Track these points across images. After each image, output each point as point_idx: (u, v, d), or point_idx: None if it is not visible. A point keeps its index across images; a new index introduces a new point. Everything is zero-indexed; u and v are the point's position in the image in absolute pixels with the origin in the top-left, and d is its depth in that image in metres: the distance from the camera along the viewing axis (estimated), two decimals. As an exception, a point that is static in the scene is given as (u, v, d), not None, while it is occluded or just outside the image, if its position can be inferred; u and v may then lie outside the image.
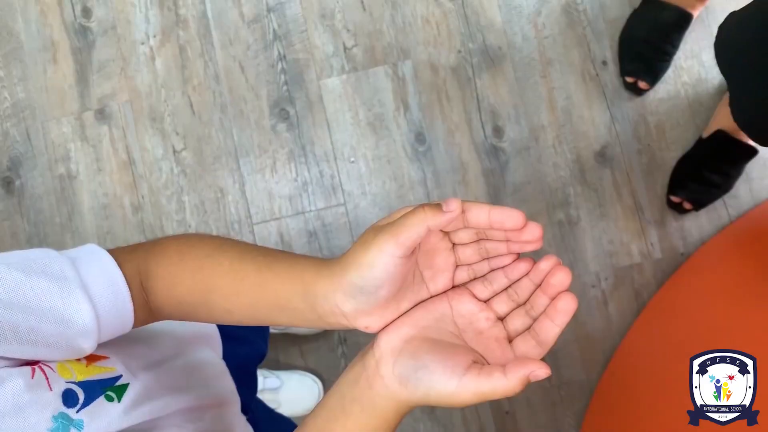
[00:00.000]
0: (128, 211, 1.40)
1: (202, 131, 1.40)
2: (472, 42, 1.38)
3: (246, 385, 0.66)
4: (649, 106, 1.36)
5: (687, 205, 1.31)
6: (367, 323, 0.40)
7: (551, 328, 0.39)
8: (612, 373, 1.32)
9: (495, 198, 1.35)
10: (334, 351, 1.35)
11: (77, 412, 0.40)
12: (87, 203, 1.41)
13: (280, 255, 0.44)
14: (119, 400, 0.44)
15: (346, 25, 1.40)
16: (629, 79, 1.34)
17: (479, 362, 0.38)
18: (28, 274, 0.40)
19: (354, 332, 1.34)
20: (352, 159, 1.38)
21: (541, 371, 0.37)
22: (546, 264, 0.40)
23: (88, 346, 0.43)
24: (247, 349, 0.74)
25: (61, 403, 0.40)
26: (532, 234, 0.39)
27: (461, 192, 1.36)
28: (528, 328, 0.40)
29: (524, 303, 0.41)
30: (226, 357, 0.67)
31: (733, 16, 0.96)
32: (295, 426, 0.91)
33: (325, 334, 1.35)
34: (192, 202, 1.39)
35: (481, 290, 0.42)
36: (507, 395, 0.37)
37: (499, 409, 1.32)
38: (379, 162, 1.37)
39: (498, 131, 1.37)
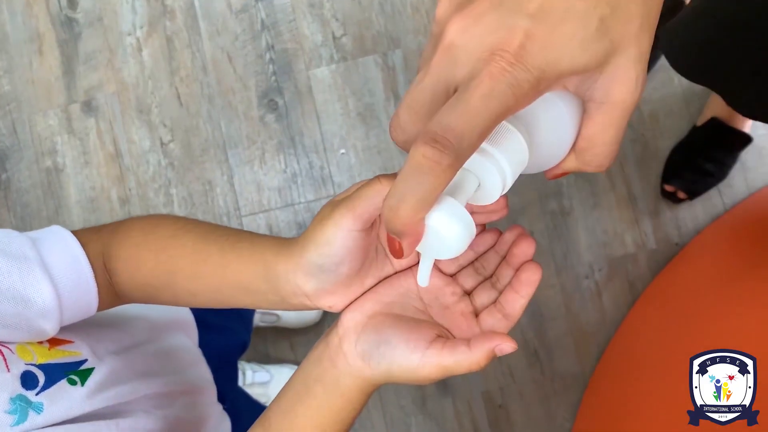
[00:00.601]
0: (116, 204, 1.38)
1: (189, 123, 1.38)
2: (462, 30, 1.36)
3: (225, 375, 0.65)
4: (643, 94, 1.34)
5: (681, 194, 1.29)
6: (330, 302, 0.38)
7: (516, 300, 0.38)
8: (606, 365, 1.30)
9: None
10: (324, 344, 1.33)
11: (36, 394, 0.39)
12: (74, 196, 1.39)
13: (243, 235, 0.42)
14: (82, 384, 0.43)
15: (335, 14, 1.38)
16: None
17: (444, 336, 0.37)
18: None
19: (344, 325, 1.32)
20: (342, 150, 1.36)
21: (507, 345, 0.35)
22: (510, 235, 0.39)
23: (50, 328, 0.42)
24: (226, 338, 0.72)
25: (20, 385, 0.38)
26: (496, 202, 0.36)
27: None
28: (494, 302, 0.39)
29: (490, 276, 0.40)
30: (203, 345, 0.66)
31: (672, 26, 0.90)
32: None
33: (315, 328, 1.33)
34: (180, 195, 1.37)
35: (447, 265, 0.40)
36: (471, 370, 0.35)
37: (491, 403, 1.30)
38: (369, 152, 1.36)
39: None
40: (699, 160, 1.26)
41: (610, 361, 1.30)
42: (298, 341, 1.34)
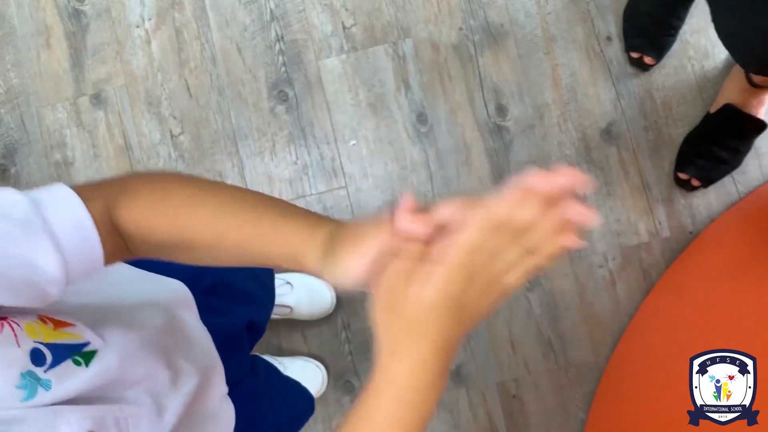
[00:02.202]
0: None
1: (199, 115, 1.37)
2: (473, 19, 1.36)
3: (230, 356, 0.64)
4: (655, 81, 1.33)
5: (695, 182, 1.28)
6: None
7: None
8: (621, 355, 1.29)
9: (499, 178, 1.33)
10: (337, 336, 1.32)
11: (45, 371, 0.39)
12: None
13: (262, 211, 0.44)
14: (87, 365, 0.43)
15: (345, 4, 1.37)
16: (634, 55, 1.31)
17: None
18: None
19: (358, 318, 1.31)
20: (353, 141, 1.35)
21: None
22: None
23: (56, 292, 0.42)
24: (226, 319, 0.71)
25: (29, 361, 0.38)
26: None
27: (464, 172, 1.33)
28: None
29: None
30: (205, 326, 0.65)
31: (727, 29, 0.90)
32: (308, 395, 0.89)
33: (327, 319, 1.33)
34: (190, 187, 1.36)
35: None
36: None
37: (506, 393, 1.30)
38: (380, 143, 1.35)
39: (501, 109, 1.34)
40: (713, 147, 1.26)
41: (625, 351, 1.29)
42: (310, 333, 1.33)
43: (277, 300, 1.27)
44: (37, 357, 0.39)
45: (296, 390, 0.86)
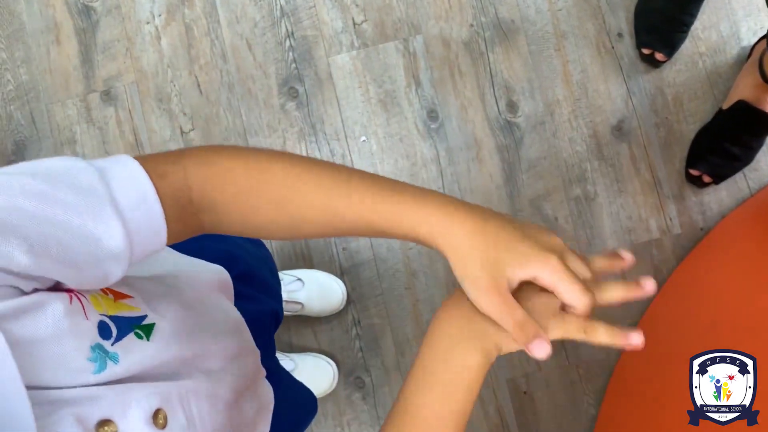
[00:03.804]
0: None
1: (209, 111, 1.37)
2: (484, 15, 1.35)
3: (260, 343, 0.64)
4: (667, 78, 1.33)
5: (706, 179, 1.28)
6: None
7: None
8: (632, 352, 1.29)
9: (509, 174, 1.33)
10: (348, 332, 1.32)
11: (112, 345, 0.39)
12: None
13: (378, 194, 0.44)
14: (148, 339, 0.42)
15: (355, 0, 1.36)
16: (646, 51, 1.30)
17: None
18: (53, 186, 0.36)
19: (367, 314, 1.31)
20: (363, 137, 1.35)
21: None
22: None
23: (119, 271, 0.40)
24: (257, 305, 0.71)
25: (97, 334, 0.38)
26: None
27: (475, 169, 1.33)
28: None
29: None
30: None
31: None
32: (312, 396, 0.89)
33: (338, 316, 1.33)
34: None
35: None
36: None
37: (517, 390, 1.30)
38: (390, 140, 1.35)
39: (512, 106, 1.34)
40: (725, 143, 1.25)
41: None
42: (321, 329, 1.33)
43: (288, 296, 1.28)
44: (103, 330, 0.38)
45: (305, 392, 0.87)
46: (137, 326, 0.42)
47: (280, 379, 0.76)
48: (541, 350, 0.41)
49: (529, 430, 1.29)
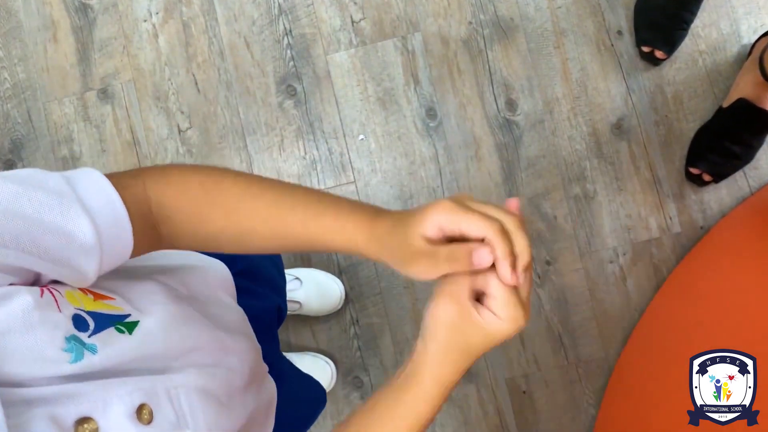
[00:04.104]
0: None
1: (207, 109, 1.37)
2: (483, 13, 1.35)
3: (263, 338, 0.64)
4: (666, 76, 1.32)
5: (706, 177, 1.27)
6: None
7: None
8: (632, 350, 1.29)
9: (508, 173, 1.32)
10: (346, 332, 1.32)
11: (89, 336, 0.38)
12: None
13: (323, 205, 0.46)
14: (130, 333, 0.42)
15: (354, -2, 1.36)
16: (645, 49, 1.30)
17: None
18: (24, 187, 0.38)
19: (366, 313, 1.31)
20: (362, 136, 1.34)
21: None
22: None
23: (92, 270, 0.41)
24: (261, 302, 0.71)
25: (72, 326, 0.38)
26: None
27: (474, 167, 1.32)
28: None
29: None
30: (240, 307, 0.65)
31: None
32: (320, 387, 0.89)
33: (336, 315, 1.32)
34: (198, 183, 1.36)
35: None
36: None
37: (516, 389, 1.29)
38: (389, 138, 1.34)
39: (511, 104, 1.33)
40: (725, 142, 1.25)
41: (636, 347, 1.29)
42: (319, 329, 1.32)
43: (287, 295, 1.27)
44: (79, 322, 0.38)
45: (310, 381, 0.86)
46: (118, 323, 0.42)
47: (285, 373, 0.76)
48: (482, 257, 0.40)
49: (528, 429, 1.29)
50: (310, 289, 1.28)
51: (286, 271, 1.30)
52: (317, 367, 1.27)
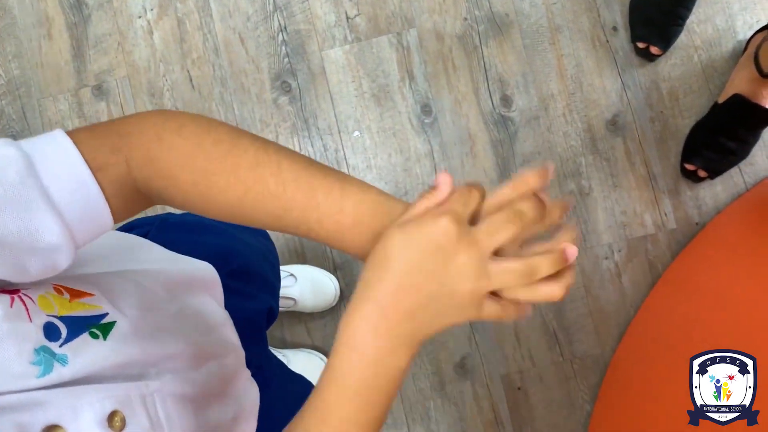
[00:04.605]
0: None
1: (202, 106, 1.36)
2: (478, 9, 1.34)
3: (252, 341, 0.63)
4: (662, 72, 1.32)
5: (702, 173, 1.27)
6: None
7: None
8: (627, 347, 1.29)
9: (504, 169, 1.32)
10: (341, 328, 1.31)
11: (60, 346, 0.37)
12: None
13: (305, 172, 0.43)
14: (105, 338, 0.40)
15: (349, -6, 1.36)
16: (641, 45, 1.30)
17: None
18: None
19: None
20: (357, 132, 1.34)
21: None
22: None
23: (66, 259, 0.39)
24: (251, 302, 0.70)
25: (43, 336, 0.36)
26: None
27: (469, 164, 1.32)
28: None
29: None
30: (227, 309, 0.64)
31: None
32: (311, 386, 0.89)
33: (331, 312, 1.32)
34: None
35: None
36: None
37: (511, 385, 1.29)
38: (384, 134, 1.34)
39: (506, 101, 1.33)
40: (720, 137, 1.24)
41: (631, 343, 1.28)
42: (314, 326, 1.32)
43: (281, 292, 1.27)
44: (51, 331, 0.37)
45: (303, 383, 0.86)
46: (94, 326, 0.41)
47: (274, 374, 0.75)
48: (443, 180, 0.40)
49: (523, 425, 1.28)
50: (305, 286, 1.28)
51: (281, 267, 1.30)
52: (312, 364, 1.27)
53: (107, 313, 0.42)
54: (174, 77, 1.37)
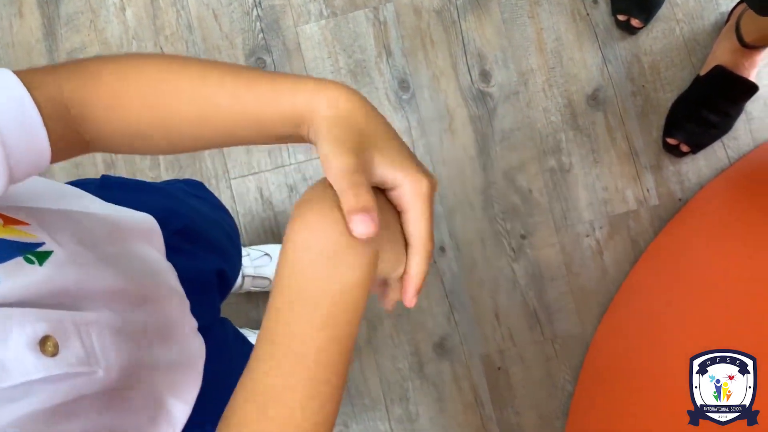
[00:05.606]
0: (101, 168, 1.34)
1: (175, 83, 1.34)
2: (456, -17, 1.32)
3: (201, 300, 0.61)
4: (643, 45, 1.30)
5: (684, 148, 1.25)
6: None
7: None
8: (608, 325, 1.26)
9: (483, 146, 1.29)
10: (318, 309, 1.29)
11: None
12: (58, 163, 1.35)
13: (253, 75, 0.41)
14: (40, 264, 0.39)
15: (324, -32, 1.33)
16: (621, 18, 1.27)
17: None
18: None
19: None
20: (334, 109, 1.32)
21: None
22: None
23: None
24: (198, 263, 0.68)
25: None
26: None
27: (448, 140, 1.30)
28: None
29: None
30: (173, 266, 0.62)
31: None
32: None
33: (308, 292, 1.29)
34: (167, 158, 1.33)
35: None
36: None
37: (491, 365, 1.27)
38: (361, 111, 1.31)
39: (485, 75, 1.30)
40: (703, 110, 1.22)
41: (613, 321, 1.26)
42: (291, 306, 1.30)
43: (256, 272, 1.24)
44: None
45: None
46: (29, 252, 0.39)
47: (227, 339, 0.73)
48: (363, 225, 0.34)
49: (504, 406, 1.26)
50: (281, 265, 1.26)
51: (256, 247, 1.28)
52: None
53: (44, 243, 0.40)
54: (147, 54, 1.35)
